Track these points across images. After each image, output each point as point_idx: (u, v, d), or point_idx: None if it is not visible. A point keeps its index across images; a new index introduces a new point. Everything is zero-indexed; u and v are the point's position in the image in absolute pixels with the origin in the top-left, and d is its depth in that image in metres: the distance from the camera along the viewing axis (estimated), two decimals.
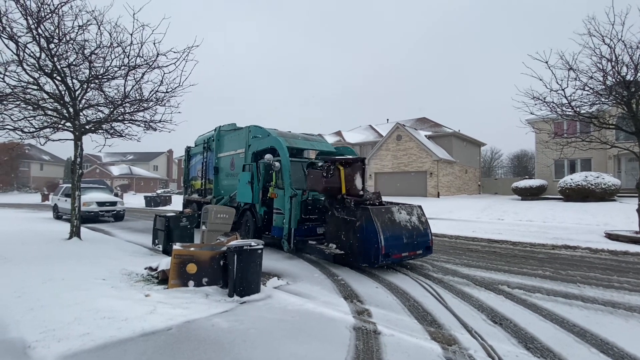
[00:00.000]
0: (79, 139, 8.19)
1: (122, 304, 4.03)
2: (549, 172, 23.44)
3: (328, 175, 6.33)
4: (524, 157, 51.41)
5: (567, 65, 9.24)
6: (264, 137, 8.79)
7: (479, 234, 10.51)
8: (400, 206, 6.43)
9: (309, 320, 3.78)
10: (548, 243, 8.85)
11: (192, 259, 4.78)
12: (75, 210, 8.33)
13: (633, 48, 8.51)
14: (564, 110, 9.86)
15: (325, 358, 2.95)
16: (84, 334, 3.23)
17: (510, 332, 3.57)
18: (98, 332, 3.27)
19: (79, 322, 3.49)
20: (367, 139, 34.42)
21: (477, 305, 4.39)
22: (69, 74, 7.69)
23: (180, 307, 3.98)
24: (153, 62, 7.85)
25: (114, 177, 51.24)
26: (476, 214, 15.62)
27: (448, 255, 7.54)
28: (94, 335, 3.22)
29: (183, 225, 7.45)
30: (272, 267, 6.03)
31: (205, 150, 11.73)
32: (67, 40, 7.28)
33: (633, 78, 8.84)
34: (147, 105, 8.47)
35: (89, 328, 3.35)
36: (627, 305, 4.36)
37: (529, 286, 5.18)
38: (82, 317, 3.59)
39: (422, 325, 3.76)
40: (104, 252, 7.20)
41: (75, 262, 6.15)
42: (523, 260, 7.01)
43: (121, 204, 15.77)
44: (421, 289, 5.07)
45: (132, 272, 5.58)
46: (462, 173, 30.21)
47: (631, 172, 20.86)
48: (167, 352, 3.00)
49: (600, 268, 6.33)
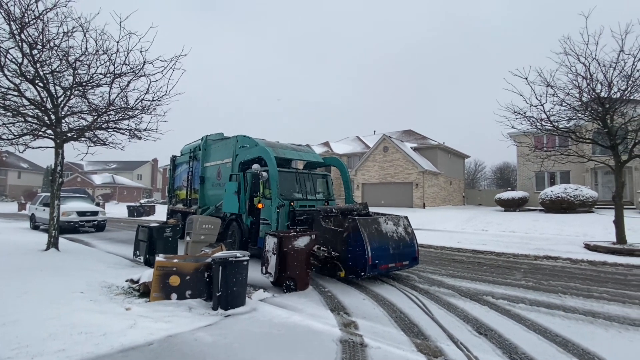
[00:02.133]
0: (60, 146, 7.97)
1: (101, 318, 3.88)
2: (531, 184, 24.10)
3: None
4: (507, 170, 52.78)
5: (546, 82, 9.63)
6: (251, 147, 8.76)
7: (464, 245, 10.64)
8: (387, 217, 6.47)
9: (295, 333, 3.72)
10: (530, 254, 9.03)
11: (175, 271, 4.66)
12: (53, 220, 8.05)
13: (606, 67, 8.96)
14: (544, 125, 10.22)
15: None
16: (59, 350, 3.09)
17: (495, 343, 3.60)
18: (74, 348, 3.13)
19: (54, 337, 3.33)
20: (355, 150, 34.73)
21: (463, 316, 4.42)
22: (52, 80, 7.53)
23: (162, 321, 3.86)
24: (139, 70, 7.77)
25: (95, 186, 49.86)
26: (461, 225, 15.85)
27: (434, 266, 7.59)
28: (70, 351, 3.08)
29: (167, 236, 7.29)
30: (259, 279, 5.94)
31: (191, 160, 11.59)
32: (51, 46, 7.16)
33: (607, 95, 9.27)
34: (133, 113, 8.34)
35: (65, 344, 3.21)
36: (606, 314, 4.47)
37: (513, 297, 5.26)
38: (58, 333, 3.44)
39: (408, 337, 3.75)
40: (82, 263, 6.95)
41: (51, 274, 5.91)
42: (507, 271, 7.12)
43: (103, 213, 15.33)
44: (408, 300, 5.07)
45: (112, 284, 5.40)
46: (447, 184, 30.72)
47: (607, 185, 21.65)
48: None
49: (580, 278, 6.49)
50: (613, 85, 9.06)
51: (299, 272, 5.52)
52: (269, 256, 5.60)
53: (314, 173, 9.14)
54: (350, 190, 9.59)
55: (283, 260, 5.42)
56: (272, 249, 5.51)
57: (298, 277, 5.50)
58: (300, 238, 5.56)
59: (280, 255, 5.42)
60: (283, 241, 5.43)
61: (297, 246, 5.50)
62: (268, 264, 5.60)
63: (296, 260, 5.48)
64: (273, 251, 5.49)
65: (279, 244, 5.42)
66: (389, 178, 28.24)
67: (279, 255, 5.42)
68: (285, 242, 5.43)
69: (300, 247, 5.52)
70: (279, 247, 5.42)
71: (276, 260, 5.42)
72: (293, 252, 5.45)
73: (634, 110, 9.89)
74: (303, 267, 5.58)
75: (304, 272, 5.60)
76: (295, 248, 5.48)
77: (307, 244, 5.62)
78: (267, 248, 5.65)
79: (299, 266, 5.51)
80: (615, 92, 9.18)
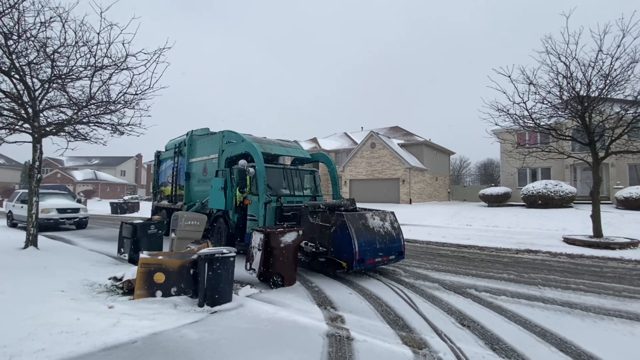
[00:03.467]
0: (38, 141, 7.71)
1: (83, 317, 3.80)
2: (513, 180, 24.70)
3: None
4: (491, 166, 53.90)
5: (528, 80, 9.86)
6: (238, 143, 8.67)
7: (448, 239, 10.84)
8: (374, 212, 6.53)
9: (282, 328, 3.73)
10: (512, 248, 9.28)
11: (160, 268, 4.59)
12: (32, 217, 7.79)
13: (585, 66, 9.22)
14: (526, 122, 10.48)
15: None
16: (38, 350, 3.01)
17: (477, 334, 3.70)
18: (55, 348, 3.05)
19: (33, 337, 3.24)
20: (342, 146, 34.82)
21: (447, 308, 4.51)
22: (29, 72, 7.25)
23: (146, 319, 3.81)
24: (122, 63, 7.56)
25: (77, 183, 48.48)
26: (446, 220, 16.14)
27: (419, 260, 7.72)
28: (49, 351, 3.00)
29: (151, 232, 7.16)
30: (246, 276, 5.91)
31: (176, 155, 11.39)
32: (28, 37, 6.88)
33: (586, 93, 9.55)
34: (115, 107, 8.12)
35: (45, 344, 3.13)
36: (583, 305, 4.64)
37: (495, 289, 5.40)
38: (37, 332, 3.35)
39: (394, 329, 3.81)
40: (63, 261, 6.76)
41: (30, 273, 5.73)
42: (490, 264, 7.30)
43: (84, 210, 14.92)
44: (393, 294, 5.14)
45: (94, 282, 5.28)
46: (432, 180, 31.18)
47: (586, 181, 22.39)
48: None
49: (559, 271, 6.71)
50: (592, 84, 9.35)
51: (286, 267, 5.52)
52: (254, 252, 5.57)
53: (302, 169, 9.12)
54: (337, 186, 9.61)
55: (270, 256, 5.40)
56: (258, 245, 5.49)
57: (285, 272, 5.50)
58: (287, 234, 5.56)
59: (268, 251, 5.40)
60: (270, 237, 5.42)
61: (284, 242, 5.50)
62: (253, 260, 5.58)
63: (283, 256, 5.47)
64: (258, 247, 5.47)
65: (265, 240, 5.41)
66: (376, 174, 28.45)
67: (266, 251, 5.40)
68: (273, 238, 5.42)
69: (287, 243, 5.52)
70: (266, 243, 5.41)
71: (261, 256, 5.40)
72: (280, 248, 5.44)
73: (611, 108, 10.25)
74: (290, 263, 5.58)
75: (291, 267, 5.60)
76: (283, 244, 5.47)
77: (294, 239, 5.62)
78: (253, 244, 5.63)
79: (286, 262, 5.51)
80: (593, 90, 9.48)
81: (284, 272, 5.50)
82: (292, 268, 5.65)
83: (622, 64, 8.90)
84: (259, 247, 5.47)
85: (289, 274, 5.57)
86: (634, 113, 9.41)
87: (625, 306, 4.60)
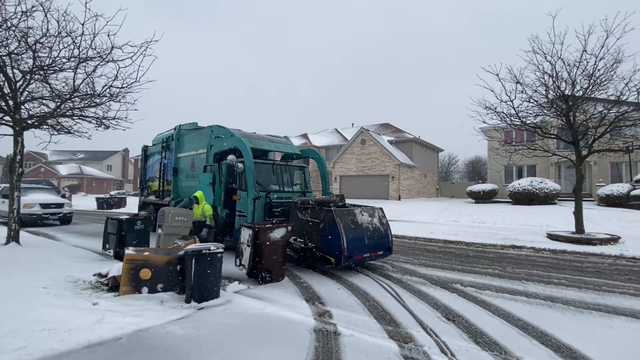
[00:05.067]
0: (19, 134, 7.48)
1: (66, 313, 3.73)
2: (500, 177, 25.15)
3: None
4: (478, 163, 54.70)
5: (515, 79, 10.00)
6: (227, 138, 8.58)
7: (436, 235, 10.99)
8: (363, 208, 6.57)
9: (270, 324, 3.73)
10: (498, 243, 9.47)
11: (147, 264, 4.53)
12: (13, 212, 7.58)
13: (570, 66, 9.41)
14: (512, 120, 10.65)
15: None
16: (19, 347, 2.95)
17: (462, 328, 3.77)
18: (36, 345, 3.00)
19: (14, 334, 3.17)
20: (333, 142, 34.83)
21: (433, 303, 4.59)
22: (9, 63, 7.02)
23: (131, 315, 3.76)
24: (107, 55, 7.37)
25: (61, 177, 47.33)
26: (434, 216, 16.34)
27: (407, 256, 7.81)
28: (31, 348, 2.94)
29: (137, 228, 7.06)
30: (234, 272, 5.89)
31: (164, 150, 11.22)
32: (8, 26, 6.65)
33: (571, 93, 9.76)
34: (100, 100, 7.93)
35: (26, 341, 3.06)
36: (564, 299, 4.77)
37: (480, 284, 5.51)
38: (18, 329, 3.28)
39: (380, 324, 3.86)
40: (46, 257, 6.61)
41: (11, 269, 5.59)
42: (475, 260, 7.43)
43: (69, 205, 14.60)
44: (381, 289, 5.20)
45: (78, 279, 5.19)
46: (421, 177, 31.51)
47: (569, 178, 22.95)
48: None
49: (542, 266, 6.88)
50: (576, 83, 9.55)
51: (275, 263, 5.52)
52: (243, 248, 5.55)
53: (291, 165, 9.09)
54: (327, 182, 9.63)
55: (259, 252, 5.39)
56: (247, 241, 5.47)
57: (274, 268, 5.50)
58: (276, 230, 5.55)
59: (256, 247, 5.39)
60: (259, 233, 5.40)
61: (273, 238, 5.49)
62: (242, 256, 5.56)
63: (272, 252, 5.47)
64: (248, 243, 5.45)
65: (254, 236, 5.39)
66: (366, 171, 28.59)
67: (255, 247, 5.39)
68: (261, 234, 5.40)
69: (276, 239, 5.51)
70: (255, 239, 5.39)
71: (251, 252, 5.39)
72: (269, 244, 5.44)
73: (595, 107, 10.49)
74: (279, 259, 5.58)
75: (279, 263, 5.60)
76: (271, 240, 5.46)
77: (283, 235, 5.62)
78: (242, 240, 5.60)
79: (275, 258, 5.51)
80: (578, 90, 9.68)
81: (273, 268, 5.49)
82: (281, 264, 5.65)
83: (605, 64, 9.11)
84: (248, 243, 5.45)
85: (278, 269, 5.58)
86: (616, 112, 9.65)
87: (604, 300, 4.75)
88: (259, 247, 5.38)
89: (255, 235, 5.39)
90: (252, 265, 5.41)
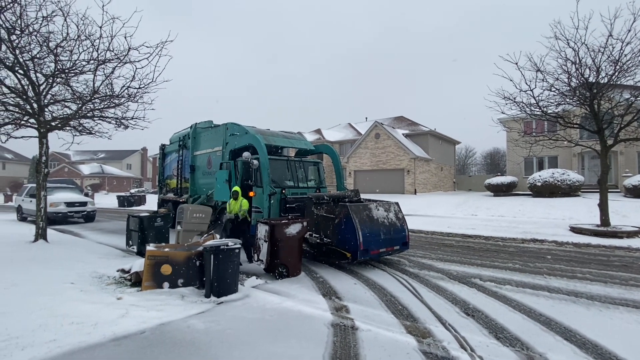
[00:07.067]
0: (44, 136, 7.78)
1: (92, 308, 3.88)
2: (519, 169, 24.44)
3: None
4: (497, 155, 53.31)
5: (535, 67, 9.65)
6: (241, 135, 8.66)
7: (453, 230, 10.82)
8: (378, 203, 6.52)
9: (288, 318, 3.78)
10: (518, 237, 9.24)
11: (167, 260, 4.66)
12: (40, 211, 7.92)
13: (595, 51, 9.00)
14: (533, 110, 10.31)
15: (303, 355, 2.96)
16: (50, 340, 3.09)
17: (481, 323, 3.71)
18: (65, 339, 3.13)
19: (44, 328, 3.33)
20: (347, 137, 34.64)
21: (451, 298, 4.53)
22: (33, 67, 7.28)
23: (154, 310, 3.88)
24: (124, 57, 7.55)
25: (84, 177, 49.00)
26: (451, 210, 16.08)
27: (424, 251, 7.72)
28: (60, 341, 3.08)
29: (158, 225, 7.24)
30: (251, 267, 5.98)
31: (180, 148, 11.43)
32: (30, 31, 6.90)
33: (595, 80, 9.35)
34: (119, 101, 8.15)
35: (56, 334, 3.20)
36: (588, 294, 4.62)
37: (500, 279, 5.40)
38: (48, 324, 3.43)
39: (398, 319, 3.84)
40: (72, 254, 6.89)
41: (41, 265, 5.85)
42: (494, 254, 7.28)
43: (92, 204, 15.12)
44: (398, 284, 5.17)
45: (103, 274, 5.38)
46: (437, 170, 30.98)
47: (593, 169, 22.09)
48: (140, 356, 2.91)
49: (565, 260, 6.68)
50: (601, 70, 9.14)
51: (291, 258, 5.57)
52: (260, 244, 5.62)
53: (305, 160, 9.10)
54: (341, 178, 9.60)
55: (275, 247, 5.44)
56: (264, 236, 5.53)
57: (290, 263, 5.55)
58: (291, 225, 5.58)
59: (272, 243, 5.44)
60: (275, 229, 5.45)
61: (289, 233, 5.53)
62: (260, 251, 5.63)
63: (288, 247, 5.51)
64: (265, 239, 5.51)
65: (270, 232, 5.44)
66: (380, 165, 28.33)
67: (271, 243, 5.44)
68: (277, 230, 5.45)
69: (292, 234, 5.55)
70: (271, 235, 5.44)
71: (268, 247, 5.45)
72: (285, 239, 5.48)
73: (621, 95, 10.02)
74: (295, 254, 5.62)
75: (295, 258, 5.65)
76: (287, 235, 5.51)
77: (299, 231, 5.65)
78: (259, 236, 5.67)
79: (291, 253, 5.56)
80: (603, 77, 9.27)
81: (289, 263, 5.54)
82: (297, 259, 5.69)
83: (632, 49, 8.68)
84: (265, 239, 5.51)
85: (294, 264, 5.62)
86: None
87: (632, 295, 4.57)
88: (275, 242, 5.44)
89: (271, 231, 5.44)
90: (270, 260, 5.47)
